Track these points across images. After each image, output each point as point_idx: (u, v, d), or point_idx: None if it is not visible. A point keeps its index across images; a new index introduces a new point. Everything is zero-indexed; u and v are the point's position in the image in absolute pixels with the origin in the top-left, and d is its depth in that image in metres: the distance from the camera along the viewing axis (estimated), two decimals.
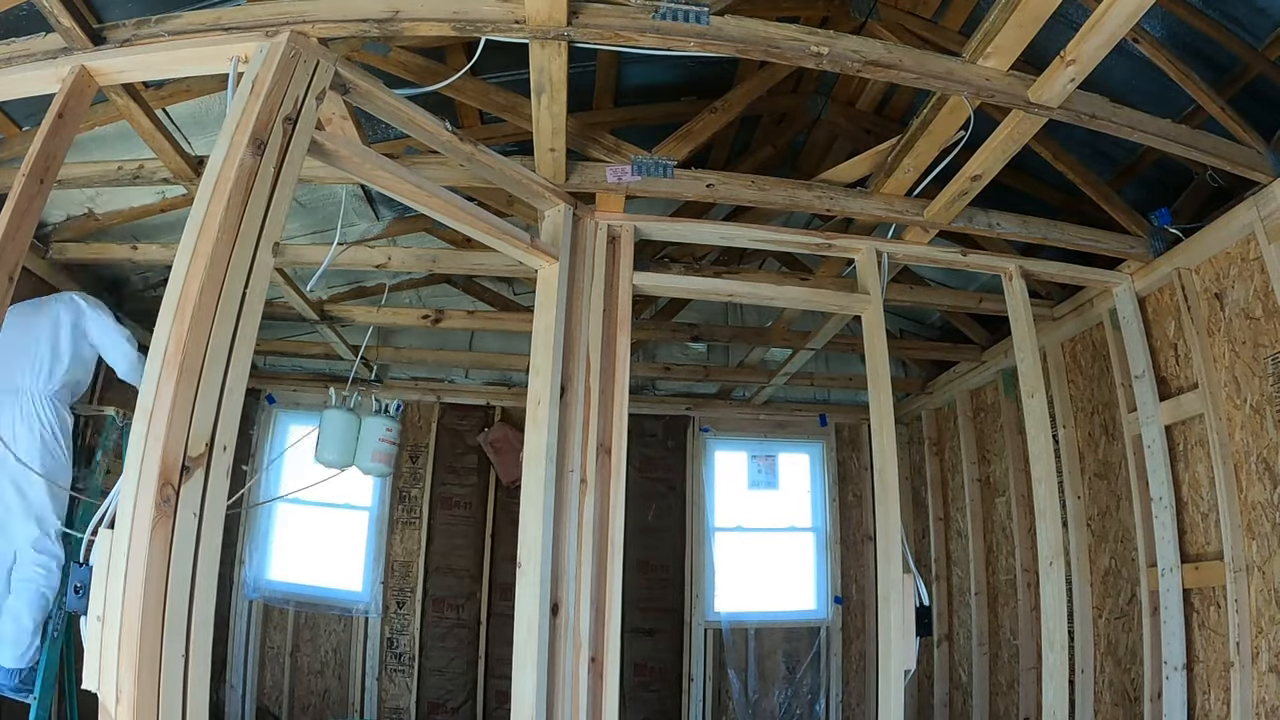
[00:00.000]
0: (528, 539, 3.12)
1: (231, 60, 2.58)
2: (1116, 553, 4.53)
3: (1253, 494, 3.57)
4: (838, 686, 6.90)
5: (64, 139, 2.62)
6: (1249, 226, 3.57)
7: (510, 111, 3.57)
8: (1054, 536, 3.67)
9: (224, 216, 2.19)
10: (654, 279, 3.80)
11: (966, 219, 3.90)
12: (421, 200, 2.94)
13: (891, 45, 3.01)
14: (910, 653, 3.34)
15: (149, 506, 1.89)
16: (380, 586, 6.61)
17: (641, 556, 6.77)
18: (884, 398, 3.59)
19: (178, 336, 2.04)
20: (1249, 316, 3.62)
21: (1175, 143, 3.34)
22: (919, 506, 7.02)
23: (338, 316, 5.72)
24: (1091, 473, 4.82)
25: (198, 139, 4.05)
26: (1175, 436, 4.04)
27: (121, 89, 3.24)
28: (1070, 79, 2.87)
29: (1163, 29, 3.53)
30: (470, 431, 7.01)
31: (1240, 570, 3.55)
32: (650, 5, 2.76)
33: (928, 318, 7.08)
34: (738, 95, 3.98)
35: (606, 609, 3.20)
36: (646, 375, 7.07)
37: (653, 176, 3.62)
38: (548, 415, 3.22)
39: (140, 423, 1.97)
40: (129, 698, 1.81)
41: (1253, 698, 3.42)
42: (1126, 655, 4.38)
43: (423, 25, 2.73)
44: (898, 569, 3.35)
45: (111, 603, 1.87)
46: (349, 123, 3.10)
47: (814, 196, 3.83)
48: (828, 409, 7.50)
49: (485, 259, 4.58)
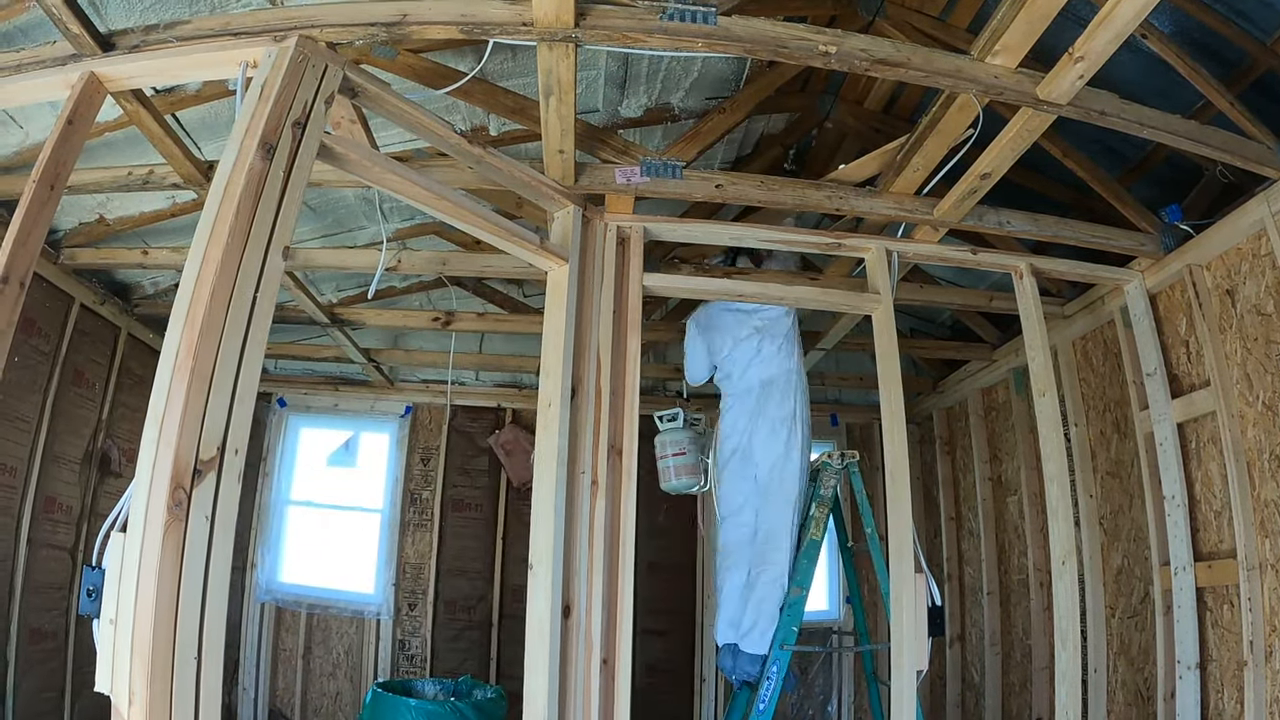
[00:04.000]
0: (539, 541, 3.12)
1: (240, 65, 2.59)
2: (1129, 551, 4.51)
3: (1266, 491, 3.55)
4: (850, 687, 6.88)
5: (74, 145, 2.63)
6: (1260, 222, 3.55)
7: (519, 114, 3.58)
8: (1066, 535, 3.65)
9: (234, 221, 2.20)
10: (664, 280, 3.80)
11: (976, 217, 3.89)
12: (431, 203, 2.94)
13: (899, 44, 3.01)
14: (923, 653, 3.33)
15: (161, 510, 1.90)
16: (392, 589, 6.62)
17: (653, 558, 6.76)
18: (895, 397, 3.59)
19: (189, 340, 2.05)
20: (1261, 313, 3.60)
21: (1185, 139, 3.32)
22: (930, 506, 7.00)
23: (348, 320, 5.74)
24: (1104, 471, 4.79)
25: (207, 144, 4.06)
26: (1188, 434, 4.02)
27: (130, 94, 3.25)
28: (1079, 76, 2.86)
29: (1171, 24, 3.52)
30: (481, 434, 7.02)
31: (1254, 568, 3.53)
32: (658, 6, 2.76)
33: (938, 317, 7.06)
34: (745, 95, 3.98)
35: (618, 610, 3.20)
36: (657, 376, 7.06)
37: (661, 177, 3.62)
38: (559, 417, 3.22)
39: (152, 427, 1.98)
40: (141, 701, 1.82)
41: (1266, 696, 3.40)
42: (1140, 654, 4.36)
43: (431, 28, 2.73)
44: (909, 568, 3.34)
45: (124, 606, 1.88)
46: (358, 126, 3.11)
47: (823, 196, 3.82)
48: (839, 409, 7.48)
49: (495, 261, 4.58)
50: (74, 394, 5.03)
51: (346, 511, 6.86)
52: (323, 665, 6.55)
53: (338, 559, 6.75)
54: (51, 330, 4.80)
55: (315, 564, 6.73)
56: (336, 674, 6.53)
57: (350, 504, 6.86)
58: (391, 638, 6.55)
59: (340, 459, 7.00)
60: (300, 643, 6.52)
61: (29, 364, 4.61)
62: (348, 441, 7.04)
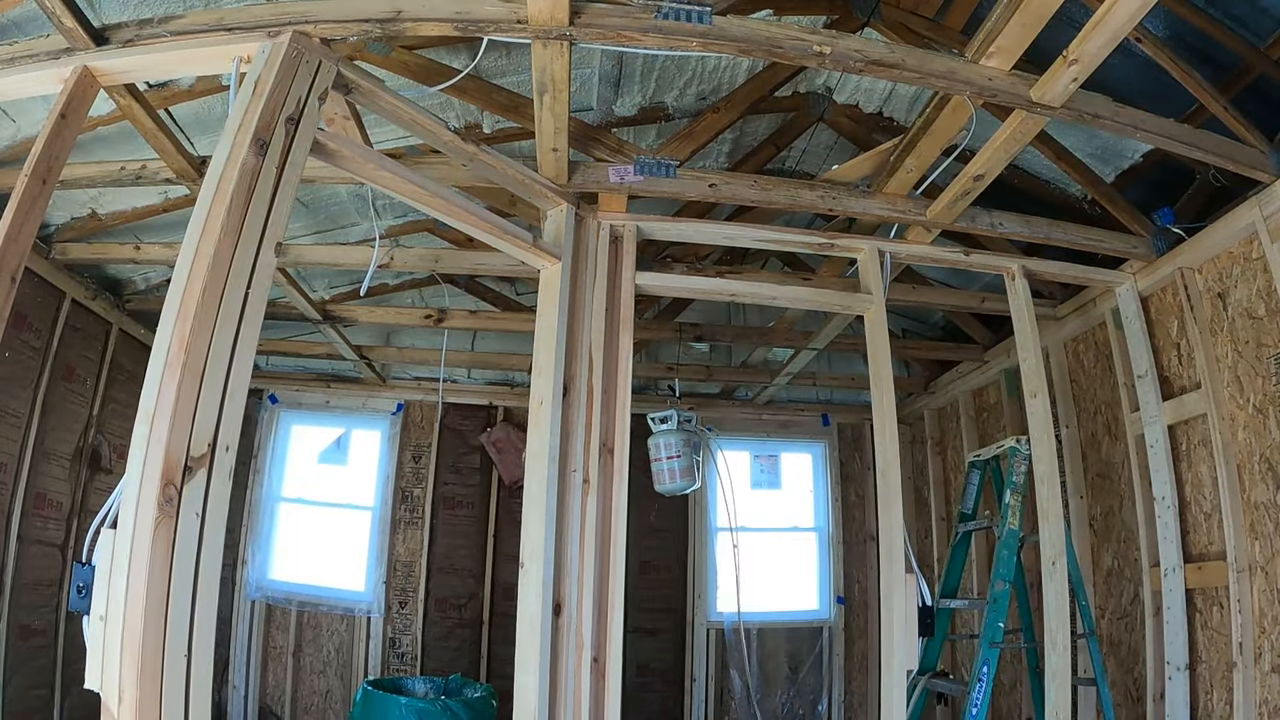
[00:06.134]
0: (530, 539, 3.12)
1: (234, 60, 2.58)
2: (1119, 553, 4.53)
3: (1255, 494, 3.56)
4: (840, 687, 6.89)
5: (66, 140, 2.62)
6: (1251, 226, 3.56)
7: (513, 112, 3.57)
8: (1056, 536, 3.67)
9: (226, 217, 2.19)
10: (656, 279, 3.80)
11: (969, 219, 3.90)
12: (424, 200, 2.94)
13: (894, 45, 3.01)
14: (913, 653, 3.34)
15: (151, 506, 1.89)
16: (383, 586, 6.61)
17: (644, 557, 6.77)
18: (886, 397, 3.59)
19: (180, 336, 2.05)
20: (1252, 316, 3.62)
21: (1178, 142, 3.34)
22: (921, 506, 7.00)
23: (340, 317, 5.72)
24: (1094, 472, 4.81)
25: (200, 139, 4.05)
26: (1178, 436, 4.03)
27: (124, 89, 3.24)
28: (1073, 79, 2.87)
29: (1165, 28, 3.52)
30: (473, 431, 7.01)
31: (1243, 570, 3.55)
32: (652, 5, 2.76)
33: (930, 317, 7.08)
34: (739, 95, 3.98)
35: (609, 609, 3.20)
36: (649, 375, 7.06)
37: (655, 176, 3.62)
38: (550, 415, 3.22)
39: (142, 423, 1.97)
40: (131, 698, 1.81)
41: (1255, 698, 3.41)
42: (1129, 655, 4.38)
43: (425, 25, 2.72)
44: (900, 569, 3.35)
45: (114, 603, 1.87)
46: (351, 122, 3.10)
47: (816, 196, 3.82)
48: (830, 409, 7.50)
49: (488, 259, 4.58)
50: (65, 389, 5.01)
51: (337, 509, 6.85)
52: (313, 663, 6.53)
53: (328, 556, 6.74)
54: (42, 325, 4.79)
55: (306, 561, 6.71)
56: (327, 672, 6.52)
57: (341, 501, 6.85)
58: (382, 635, 6.54)
59: (331, 456, 6.99)
60: (291, 640, 6.50)
61: (19, 359, 4.59)
62: (339, 439, 7.04)
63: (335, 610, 6.60)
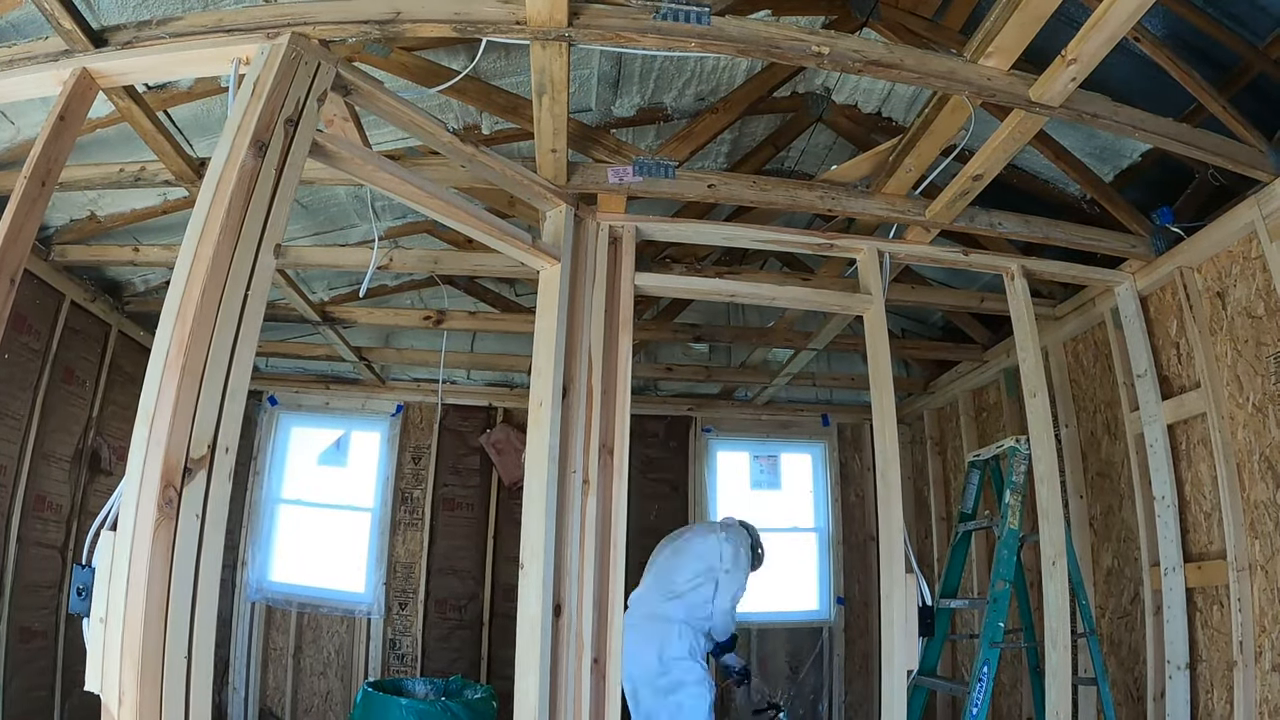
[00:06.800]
0: (530, 540, 3.12)
1: (233, 62, 2.58)
2: (1119, 552, 4.53)
3: (1255, 493, 3.56)
4: (840, 687, 6.89)
5: (66, 142, 2.62)
6: (1250, 225, 3.56)
7: (512, 113, 3.57)
8: (1056, 536, 3.67)
9: (225, 218, 2.19)
10: (656, 279, 3.80)
11: (968, 218, 3.90)
12: (423, 202, 2.94)
13: (893, 45, 3.01)
14: (913, 653, 3.33)
15: (151, 508, 1.89)
16: (383, 588, 6.61)
17: (644, 557, 6.76)
18: (886, 397, 3.59)
19: (179, 338, 2.05)
20: (1251, 315, 3.62)
21: (1176, 141, 3.34)
22: (921, 506, 6.99)
23: (339, 318, 5.72)
24: (1094, 472, 4.81)
25: (199, 141, 4.05)
26: (1178, 436, 4.03)
27: (123, 91, 3.24)
28: (1071, 78, 2.87)
29: (1163, 27, 3.52)
30: (472, 433, 7.01)
31: (1243, 569, 3.54)
32: (651, 6, 2.76)
33: (929, 317, 7.08)
34: (738, 96, 3.98)
35: (609, 610, 3.20)
36: (648, 376, 7.07)
37: (654, 177, 3.62)
38: (550, 416, 3.22)
39: (142, 425, 1.97)
40: (131, 700, 1.81)
41: (1256, 697, 3.41)
42: (1129, 655, 4.37)
43: (424, 26, 2.72)
44: (900, 569, 3.34)
45: (114, 605, 1.87)
46: (350, 124, 3.10)
47: (815, 197, 3.82)
48: (830, 409, 7.49)
49: (487, 260, 4.58)
50: (64, 391, 5.01)
51: (337, 510, 6.84)
52: (313, 664, 6.53)
53: (328, 558, 6.74)
54: (42, 327, 4.79)
55: (306, 563, 6.71)
56: (327, 673, 6.52)
57: (341, 503, 6.85)
58: (382, 637, 6.54)
59: (331, 458, 6.99)
60: (291, 642, 6.50)
61: (19, 361, 4.59)
62: (339, 440, 7.04)
63: (335, 612, 6.60)
